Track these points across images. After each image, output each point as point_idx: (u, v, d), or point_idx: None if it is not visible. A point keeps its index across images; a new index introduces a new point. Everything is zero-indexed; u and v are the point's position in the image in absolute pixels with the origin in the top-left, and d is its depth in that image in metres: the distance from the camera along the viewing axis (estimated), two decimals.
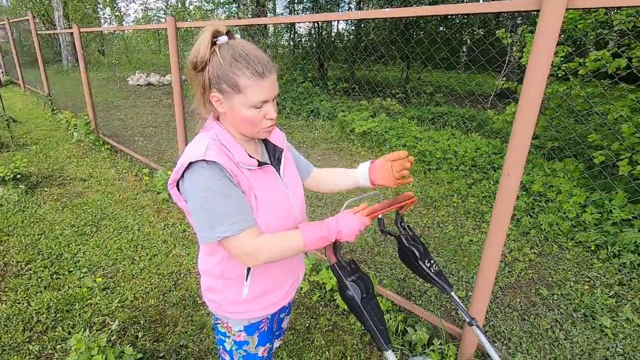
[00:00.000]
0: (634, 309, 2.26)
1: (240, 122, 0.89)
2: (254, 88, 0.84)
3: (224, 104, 0.88)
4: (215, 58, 0.85)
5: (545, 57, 1.20)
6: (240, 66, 0.83)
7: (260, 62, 0.84)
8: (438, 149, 4.61)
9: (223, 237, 0.85)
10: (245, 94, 0.85)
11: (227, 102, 0.87)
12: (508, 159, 1.36)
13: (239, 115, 0.88)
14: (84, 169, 4.34)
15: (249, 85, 0.83)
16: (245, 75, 0.83)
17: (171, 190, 0.93)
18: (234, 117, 0.89)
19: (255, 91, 0.84)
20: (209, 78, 0.87)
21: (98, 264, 2.59)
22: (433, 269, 1.22)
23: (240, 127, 0.91)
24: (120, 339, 1.95)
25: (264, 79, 0.84)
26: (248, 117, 0.87)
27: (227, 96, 0.86)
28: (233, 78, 0.84)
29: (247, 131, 0.91)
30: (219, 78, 0.85)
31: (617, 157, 3.01)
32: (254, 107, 0.86)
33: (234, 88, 0.84)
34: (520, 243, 2.98)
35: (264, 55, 0.86)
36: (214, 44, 0.86)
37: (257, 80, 0.84)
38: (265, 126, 0.90)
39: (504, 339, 2.06)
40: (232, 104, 0.87)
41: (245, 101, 0.85)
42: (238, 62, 0.83)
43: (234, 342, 1.06)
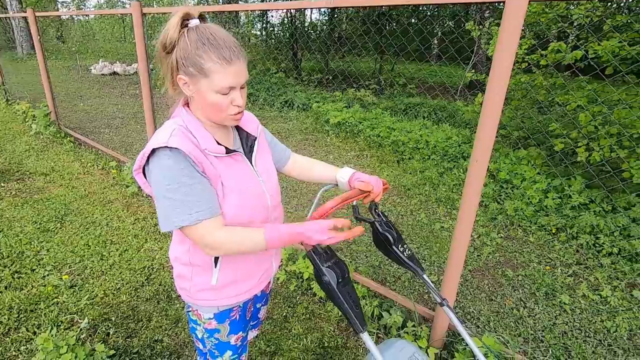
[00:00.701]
0: (589, 286, 2.44)
1: (206, 107, 0.88)
2: (220, 73, 0.82)
3: (191, 87, 0.87)
4: (183, 40, 0.84)
5: (510, 47, 1.25)
6: (207, 49, 0.81)
7: (227, 47, 0.83)
8: (411, 139, 4.70)
9: (181, 226, 0.85)
10: (211, 78, 0.83)
11: (193, 86, 0.86)
12: (476, 146, 1.41)
13: (205, 99, 0.86)
14: (44, 163, 4.10)
15: (215, 69, 0.82)
16: (211, 59, 0.82)
17: (137, 177, 0.91)
18: (200, 102, 0.88)
19: (221, 76, 0.83)
20: (177, 60, 0.85)
21: (64, 261, 2.48)
22: (406, 253, 1.25)
23: (207, 112, 0.89)
24: (90, 337, 1.88)
25: (231, 64, 0.83)
26: (214, 102, 0.85)
27: (193, 79, 0.85)
28: (199, 61, 0.82)
29: (213, 117, 0.90)
30: (186, 60, 0.84)
31: (575, 144, 3.19)
32: (220, 92, 0.84)
33: (200, 71, 0.83)
34: (488, 228, 3.12)
35: (233, 41, 0.85)
36: (185, 26, 0.85)
37: (223, 65, 0.82)
38: (232, 113, 0.88)
39: (474, 319, 2.16)
40: (198, 88, 0.86)
41: (211, 86, 0.84)
42: (205, 45, 0.82)
43: (205, 330, 1.06)
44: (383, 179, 1.18)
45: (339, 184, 1.17)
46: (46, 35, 14.86)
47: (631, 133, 2.86)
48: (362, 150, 4.96)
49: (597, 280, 2.49)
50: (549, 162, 3.59)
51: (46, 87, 4.83)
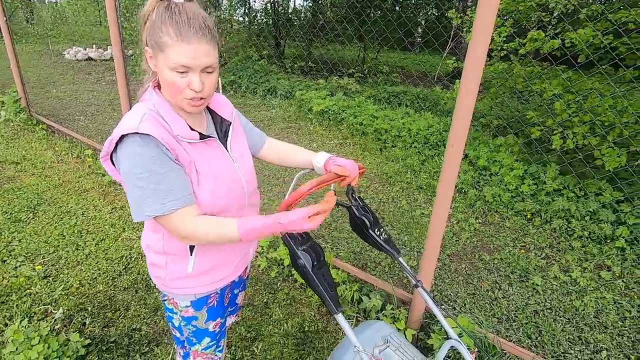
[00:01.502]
0: (561, 267, 2.53)
1: (165, 85, 0.85)
2: (175, 49, 0.78)
3: (154, 61, 0.85)
4: (154, 12, 0.81)
5: (484, 35, 1.26)
6: (167, 23, 0.79)
7: (190, 25, 0.79)
8: (393, 127, 4.73)
9: (154, 215, 0.82)
10: (166, 53, 0.80)
11: (155, 60, 0.84)
12: (452, 131, 1.43)
13: (163, 76, 0.83)
14: (15, 151, 3.93)
15: (170, 44, 0.79)
16: (167, 33, 0.79)
17: (104, 164, 0.87)
18: (161, 79, 0.85)
19: (174, 52, 0.78)
20: (146, 32, 0.84)
21: (37, 252, 2.40)
22: (382, 237, 1.27)
23: (167, 91, 0.86)
24: (65, 327, 1.84)
25: (187, 42, 0.78)
26: (169, 80, 0.82)
27: (154, 53, 0.83)
28: (158, 34, 0.80)
29: (171, 97, 0.86)
30: (150, 33, 0.82)
31: (551, 132, 3.28)
32: (174, 70, 0.80)
33: (158, 45, 0.80)
34: (467, 214, 3.19)
35: (201, 20, 0.80)
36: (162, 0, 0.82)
37: (179, 42, 0.78)
38: (188, 97, 0.83)
39: (451, 301, 2.22)
40: (157, 63, 0.83)
41: (166, 61, 0.80)
42: (167, 19, 0.79)
43: (182, 318, 1.04)
44: (360, 163, 1.18)
45: (315, 168, 1.17)
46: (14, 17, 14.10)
47: (602, 121, 2.96)
48: (345, 138, 4.96)
49: (568, 262, 2.59)
50: (526, 149, 3.68)
51: (15, 73, 4.60)
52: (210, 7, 8.11)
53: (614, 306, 2.20)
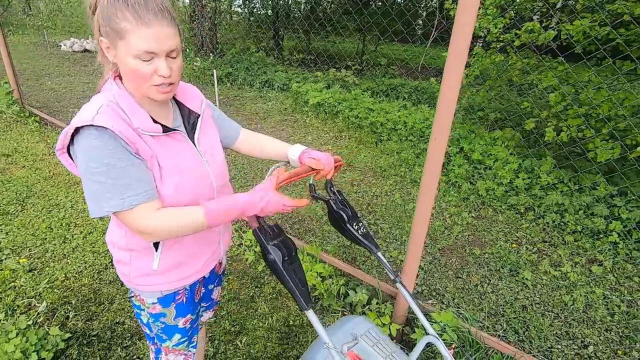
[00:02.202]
0: (552, 262, 2.51)
1: (128, 75, 0.80)
2: (136, 34, 0.73)
3: (112, 51, 0.79)
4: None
5: (466, 25, 1.21)
6: (122, 8, 0.73)
7: (147, 7, 0.74)
8: (389, 120, 4.68)
9: (113, 211, 0.79)
10: (126, 40, 0.75)
11: (113, 49, 0.78)
12: (435, 124, 1.40)
13: (125, 66, 0.78)
14: (6, 143, 3.91)
15: (130, 29, 0.73)
16: (125, 18, 0.73)
17: (61, 158, 0.83)
18: (123, 70, 0.80)
19: (136, 38, 0.74)
20: (98, 21, 0.78)
21: (23, 244, 2.39)
22: (360, 231, 1.24)
23: (131, 81, 0.81)
24: (48, 321, 1.83)
25: (148, 25, 0.74)
26: (133, 69, 0.77)
27: (112, 42, 0.77)
28: (114, 20, 0.74)
29: (136, 87, 0.81)
30: (103, 20, 0.76)
31: (546, 125, 3.23)
32: (138, 57, 0.76)
33: (116, 32, 0.75)
34: (460, 208, 3.17)
35: (159, 2, 0.76)
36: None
37: (139, 26, 0.73)
38: (156, 83, 0.79)
39: (439, 295, 2.20)
40: (118, 52, 0.78)
41: (128, 49, 0.75)
42: (119, 3, 0.74)
43: (150, 315, 1.02)
44: (337, 156, 1.15)
45: (290, 161, 1.14)
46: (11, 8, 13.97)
47: (598, 113, 2.91)
48: (341, 131, 4.91)
49: (560, 257, 2.57)
50: (522, 143, 3.63)
51: (7, 64, 4.55)
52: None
53: (604, 301, 2.18)
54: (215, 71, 5.39)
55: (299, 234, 2.70)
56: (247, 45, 8.84)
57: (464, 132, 4.03)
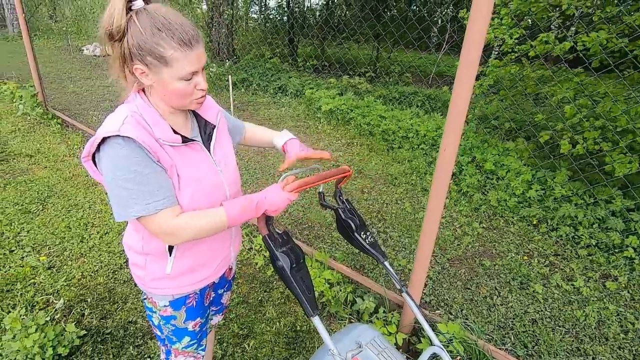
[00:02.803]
0: (564, 276, 2.47)
1: (170, 95, 0.85)
2: (182, 60, 0.80)
3: (151, 76, 0.83)
4: (134, 27, 0.79)
5: (478, 37, 1.23)
6: (165, 36, 0.78)
7: (185, 32, 0.80)
8: (401, 128, 4.68)
9: (139, 216, 0.83)
10: (173, 67, 0.80)
11: (154, 75, 0.82)
12: (445, 135, 1.41)
13: (169, 88, 0.84)
14: (30, 144, 4.07)
15: (177, 57, 0.79)
16: (171, 46, 0.79)
17: (86, 164, 0.88)
18: (163, 90, 0.85)
19: (183, 63, 0.80)
20: (129, 49, 0.81)
21: (43, 243, 2.48)
22: (368, 240, 1.26)
23: (170, 99, 0.87)
24: (65, 317, 1.90)
25: (192, 49, 0.80)
26: (179, 89, 0.83)
27: (153, 69, 0.81)
28: (158, 50, 0.79)
29: (177, 103, 0.88)
30: (142, 49, 0.79)
31: (561, 137, 3.19)
32: (184, 79, 0.83)
33: (161, 60, 0.80)
34: (471, 218, 3.14)
35: (188, 23, 0.81)
36: (130, 9, 0.79)
37: (185, 52, 0.79)
38: (197, 97, 0.88)
39: (447, 306, 2.19)
40: (159, 77, 0.82)
41: (175, 74, 0.81)
42: (161, 31, 0.78)
43: (161, 317, 1.06)
44: (346, 165, 1.18)
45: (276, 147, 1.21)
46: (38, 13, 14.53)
47: (615, 126, 2.86)
48: (353, 138, 4.94)
49: (572, 271, 2.52)
50: (535, 154, 3.59)
51: (32, 68, 4.75)
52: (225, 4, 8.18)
53: (617, 318, 2.14)
54: (231, 77, 5.50)
55: (308, 240, 2.73)
56: (262, 52, 8.98)
57: (476, 141, 4.00)
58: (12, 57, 8.92)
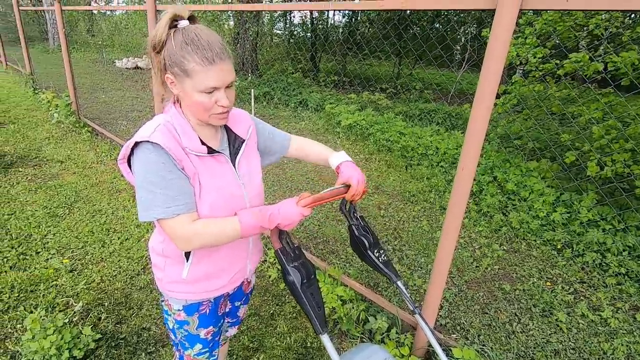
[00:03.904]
0: (590, 305, 2.35)
1: (191, 106, 0.91)
2: (202, 74, 0.85)
3: (177, 86, 0.90)
4: (170, 41, 0.87)
5: (499, 56, 1.23)
6: (189, 50, 0.84)
7: (210, 48, 0.84)
8: (421, 144, 4.65)
9: (158, 218, 0.87)
10: (194, 79, 0.86)
11: (179, 85, 0.89)
12: (464, 154, 1.39)
13: (190, 99, 0.89)
14: (61, 151, 4.27)
15: (197, 70, 0.84)
16: (194, 60, 0.84)
17: (121, 166, 0.94)
18: (186, 101, 0.91)
19: (203, 77, 0.85)
20: (164, 60, 0.89)
21: (67, 246, 2.58)
22: (381, 259, 1.25)
23: (193, 110, 0.92)
24: (82, 320, 1.95)
25: (213, 65, 0.85)
26: (198, 102, 0.88)
27: (179, 79, 0.88)
28: (182, 62, 0.85)
29: (198, 116, 0.92)
30: (171, 61, 0.87)
31: (587, 158, 3.08)
32: (203, 92, 0.87)
33: (184, 72, 0.86)
34: (491, 239, 3.05)
35: (218, 41, 0.86)
36: (174, 27, 0.88)
37: (205, 66, 0.84)
38: (217, 112, 0.91)
39: (463, 331, 2.12)
40: (183, 88, 0.89)
41: (195, 86, 0.86)
42: (187, 45, 0.84)
43: (175, 321, 1.08)
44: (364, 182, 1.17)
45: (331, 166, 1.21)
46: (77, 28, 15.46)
47: None
48: (371, 153, 4.93)
49: (599, 300, 2.39)
50: (561, 175, 3.47)
51: (68, 78, 5.03)
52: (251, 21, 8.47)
53: None
54: (253, 90, 5.64)
55: (322, 255, 2.71)
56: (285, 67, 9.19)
57: (498, 161, 3.92)
58: (51, 69, 9.48)
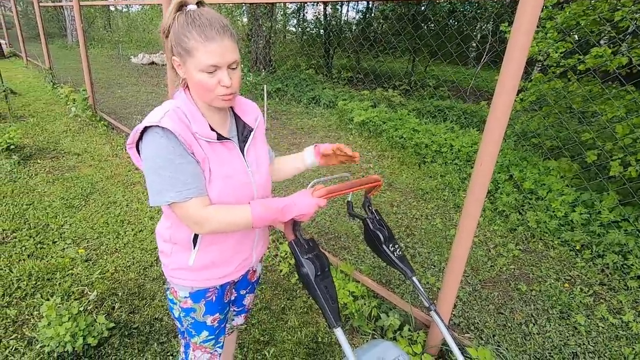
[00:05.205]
0: (610, 308, 2.27)
1: (195, 87, 0.90)
2: (201, 50, 0.84)
3: (183, 68, 0.90)
4: (175, 23, 0.87)
5: (522, 48, 1.18)
6: (190, 28, 0.84)
7: (211, 26, 0.84)
8: (434, 142, 4.57)
9: (171, 202, 0.87)
10: (194, 57, 0.85)
11: (183, 66, 0.89)
12: (482, 149, 1.35)
13: (193, 79, 0.88)
14: (78, 144, 4.35)
15: (196, 47, 0.84)
16: (193, 37, 0.84)
17: (130, 151, 0.94)
18: (191, 83, 0.91)
19: (202, 54, 0.84)
20: (171, 43, 0.89)
21: (83, 236, 2.62)
22: (396, 254, 1.22)
23: (197, 92, 0.91)
24: (97, 309, 1.98)
25: (211, 41, 0.84)
26: (200, 81, 0.87)
27: (182, 60, 0.88)
28: (184, 40, 0.85)
29: (202, 97, 0.91)
30: (175, 42, 0.87)
31: (610, 157, 2.98)
32: (204, 70, 0.86)
33: (185, 51, 0.86)
34: (507, 239, 2.98)
35: (219, 20, 0.86)
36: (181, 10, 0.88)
37: (204, 43, 0.83)
38: (220, 93, 0.89)
39: (478, 330, 2.07)
40: (187, 68, 0.88)
41: (195, 64, 0.86)
42: (188, 25, 0.84)
43: (182, 309, 1.08)
44: (377, 175, 1.15)
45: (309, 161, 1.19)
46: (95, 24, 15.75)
47: None
48: (384, 150, 4.88)
49: (620, 304, 2.31)
50: (581, 175, 3.37)
51: (86, 73, 5.11)
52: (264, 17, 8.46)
53: None
54: (266, 86, 5.64)
55: (334, 251, 2.69)
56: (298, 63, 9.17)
57: (515, 158, 3.82)
58: (69, 64, 9.67)
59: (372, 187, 1.16)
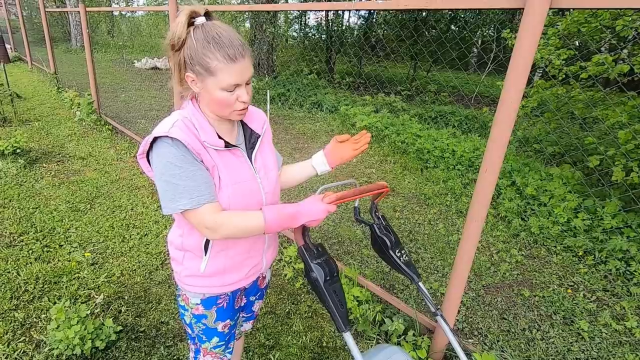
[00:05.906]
0: (613, 314, 2.28)
1: (213, 103, 0.92)
2: (225, 71, 0.86)
3: (198, 84, 0.91)
4: (190, 39, 0.87)
5: (527, 56, 1.20)
6: (212, 49, 0.85)
7: (232, 46, 0.86)
8: (437, 147, 4.60)
9: (184, 209, 0.89)
10: (216, 77, 0.87)
11: (200, 83, 0.90)
12: (487, 156, 1.37)
13: (211, 96, 0.90)
14: (83, 148, 4.38)
15: (220, 68, 0.86)
16: (217, 58, 0.85)
17: (140, 161, 0.96)
18: (207, 98, 0.92)
19: (226, 74, 0.86)
20: (184, 58, 0.90)
21: (89, 240, 2.64)
22: (403, 259, 1.24)
23: (213, 108, 0.93)
24: (103, 312, 1.99)
25: (236, 62, 0.86)
26: (220, 99, 0.89)
27: (200, 77, 0.89)
28: (205, 60, 0.86)
29: (219, 112, 0.94)
30: (192, 59, 0.87)
31: (612, 163, 3.00)
32: (225, 89, 0.88)
33: (206, 70, 0.87)
34: (509, 244, 2.99)
35: (237, 38, 0.88)
36: (192, 24, 0.88)
37: (228, 64, 0.86)
38: (238, 109, 0.92)
39: (481, 336, 2.08)
40: (205, 85, 0.90)
41: (217, 83, 0.88)
42: (210, 44, 0.85)
43: (193, 315, 1.09)
44: (383, 181, 1.17)
45: (319, 168, 1.21)
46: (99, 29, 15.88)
47: None
48: (386, 155, 4.91)
49: (624, 310, 2.32)
50: (583, 181, 3.38)
51: (91, 78, 5.16)
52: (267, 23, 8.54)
53: None
54: (269, 91, 5.68)
55: (338, 256, 2.71)
56: (301, 68, 9.23)
57: (517, 164, 3.85)
58: (73, 68, 9.75)
59: (379, 193, 1.19)
